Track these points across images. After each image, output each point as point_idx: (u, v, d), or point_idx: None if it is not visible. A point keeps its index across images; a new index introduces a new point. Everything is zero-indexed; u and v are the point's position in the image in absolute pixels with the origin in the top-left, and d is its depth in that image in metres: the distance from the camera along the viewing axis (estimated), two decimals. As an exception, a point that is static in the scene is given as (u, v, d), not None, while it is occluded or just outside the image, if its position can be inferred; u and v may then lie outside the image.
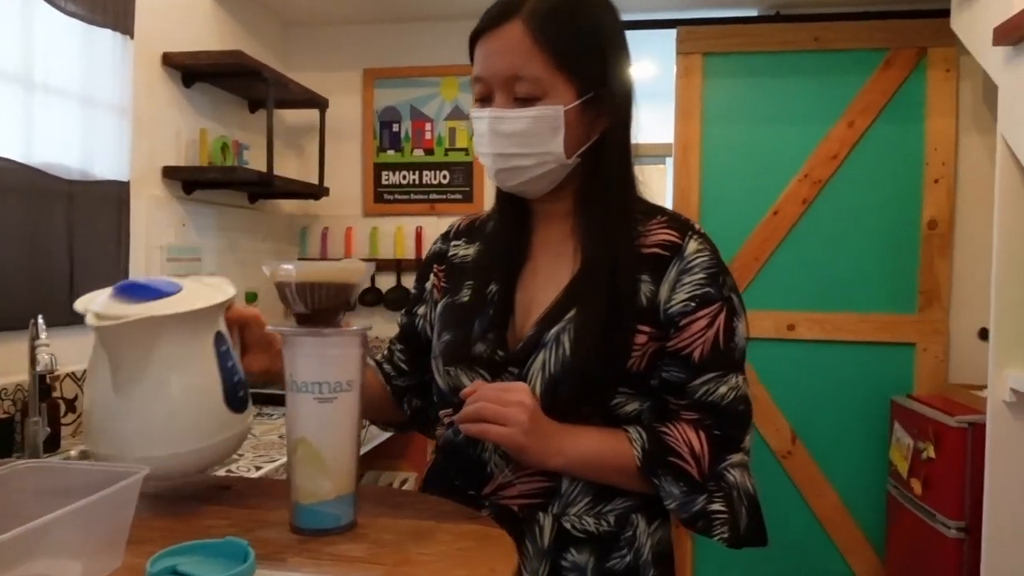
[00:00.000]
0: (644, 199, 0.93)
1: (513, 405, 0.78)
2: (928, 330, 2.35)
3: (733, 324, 0.87)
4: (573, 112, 0.84)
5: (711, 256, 0.87)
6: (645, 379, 0.86)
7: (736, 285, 0.90)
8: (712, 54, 2.46)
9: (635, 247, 0.87)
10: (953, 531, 1.89)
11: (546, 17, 0.82)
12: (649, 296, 0.85)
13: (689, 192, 2.48)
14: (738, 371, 0.87)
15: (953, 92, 2.33)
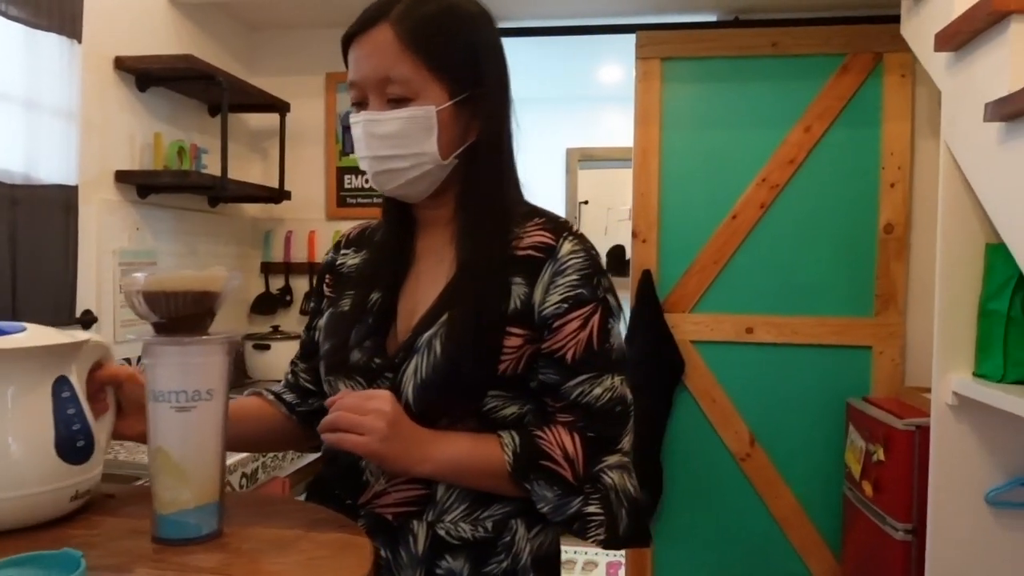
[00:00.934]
0: (527, 202, 0.94)
1: (370, 413, 0.78)
2: (884, 333, 2.36)
3: (608, 325, 0.87)
4: (446, 112, 0.85)
5: (585, 257, 0.87)
6: (523, 382, 0.86)
7: (613, 287, 0.91)
8: (671, 59, 2.47)
9: (510, 249, 0.87)
10: (901, 533, 1.90)
11: (414, 19, 0.84)
12: (523, 298, 0.85)
13: (649, 196, 2.49)
14: (614, 372, 0.86)
15: (908, 97, 2.34)
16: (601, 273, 0.88)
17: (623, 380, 0.87)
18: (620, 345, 0.88)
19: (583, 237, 0.90)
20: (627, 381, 0.88)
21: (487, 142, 0.89)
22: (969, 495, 1.74)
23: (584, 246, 0.88)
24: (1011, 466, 1.73)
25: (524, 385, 0.86)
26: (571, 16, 2.52)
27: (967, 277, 1.77)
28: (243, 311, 2.69)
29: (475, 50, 0.87)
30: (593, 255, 0.89)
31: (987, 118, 1.41)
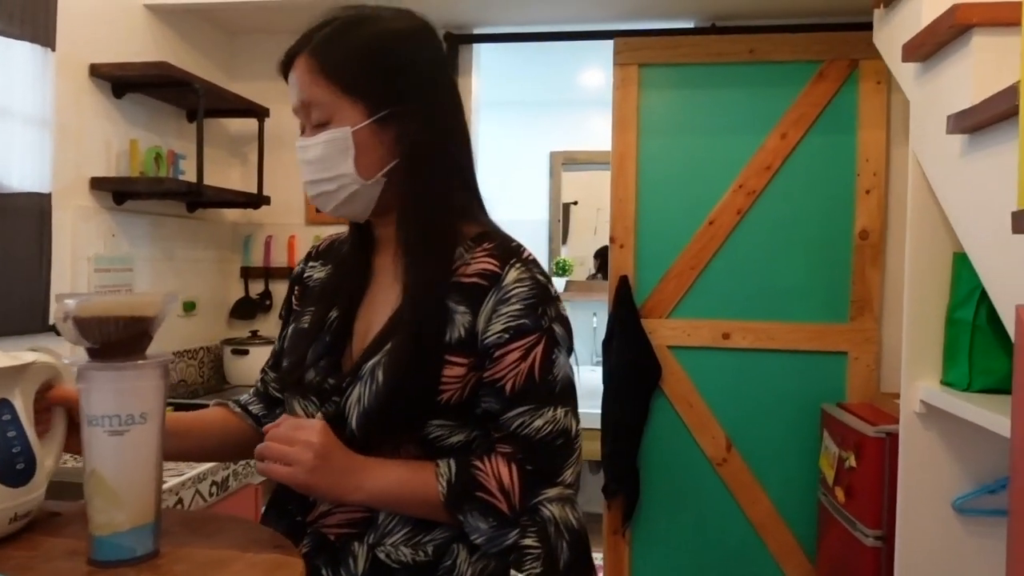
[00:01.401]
0: (485, 222, 0.93)
1: (298, 444, 0.79)
2: (859, 339, 2.38)
3: (552, 356, 0.86)
4: (363, 133, 0.86)
5: (532, 286, 0.86)
6: (469, 410, 0.85)
7: (563, 316, 0.89)
8: (648, 65, 2.48)
9: (455, 275, 0.87)
10: (871, 539, 1.92)
11: (326, 44, 0.87)
12: (467, 327, 0.85)
13: (626, 202, 2.50)
14: (558, 404, 0.85)
15: (883, 104, 2.36)
16: (547, 302, 0.87)
17: (568, 412, 0.86)
18: (565, 376, 0.87)
19: (533, 264, 0.89)
20: (573, 413, 0.87)
21: (410, 160, 0.88)
22: (937, 502, 1.76)
23: (531, 274, 0.87)
24: (978, 473, 1.74)
25: (470, 413, 0.86)
26: (550, 22, 2.53)
27: (935, 286, 1.79)
28: (222, 316, 2.69)
29: (394, 69, 0.87)
30: (541, 283, 0.87)
31: (949, 130, 1.42)
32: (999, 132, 1.27)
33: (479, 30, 2.61)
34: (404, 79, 0.88)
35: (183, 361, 2.45)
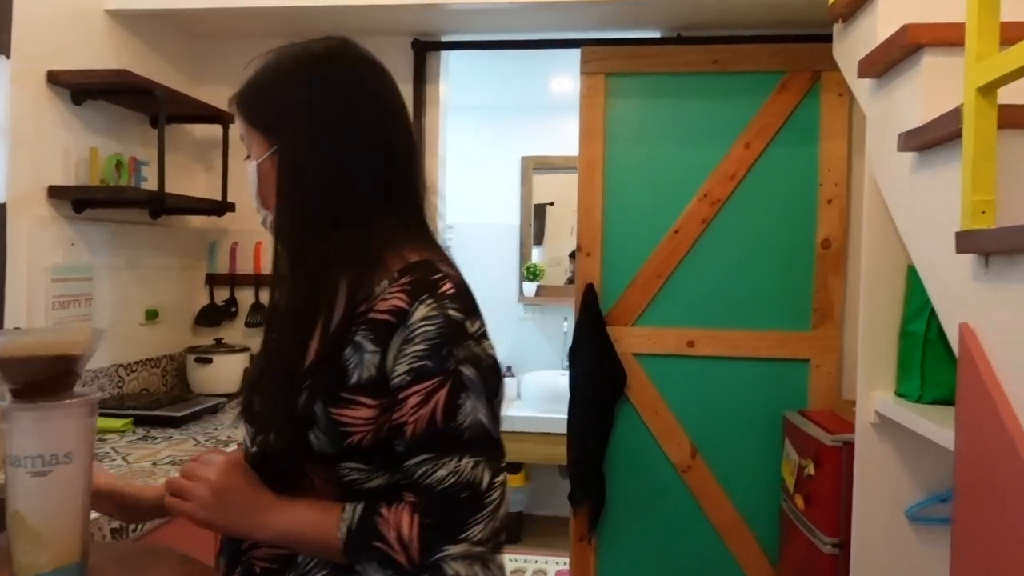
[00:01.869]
0: (423, 251, 0.91)
1: (198, 480, 0.80)
2: (821, 347, 2.41)
3: (457, 401, 0.80)
4: (264, 165, 0.90)
5: (440, 324, 0.81)
6: (387, 453, 0.82)
7: (477, 356, 0.83)
8: (615, 74, 2.49)
9: (370, 310, 0.84)
10: (828, 547, 1.94)
11: (247, 83, 0.92)
12: (376, 366, 0.82)
13: (593, 210, 2.51)
14: (464, 454, 0.80)
15: (845, 115, 2.39)
16: (456, 342, 0.82)
17: (478, 463, 0.80)
18: (476, 424, 0.81)
19: (449, 299, 0.83)
20: (487, 464, 0.81)
21: (285, 191, 0.88)
22: (890, 511, 1.79)
23: (442, 311, 0.82)
24: (930, 483, 1.77)
25: (390, 455, 0.83)
26: (518, 30, 2.53)
27: (889, 298, 1.81)
28: (187, 323, 2.67)
29: (284, 104, 0.89)
30: (452, 321, 0.82)
31: (900, 148, 1.44)
32: (946, 152, 1.30)
33: (448, 37, 2.61)
34: (292, 112, 0.89)
35: (145, 370, 2.42)
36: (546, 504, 3.87)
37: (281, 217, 0.89)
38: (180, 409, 2.10)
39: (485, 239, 3.93)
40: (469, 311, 0.85)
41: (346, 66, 0.92)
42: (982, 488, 1.14)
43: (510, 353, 3.91)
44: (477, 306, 0.87)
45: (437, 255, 0.92)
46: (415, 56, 2.59)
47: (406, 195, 0.94)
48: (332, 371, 0.83)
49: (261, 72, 0.92)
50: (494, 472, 0.81)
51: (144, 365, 2.42)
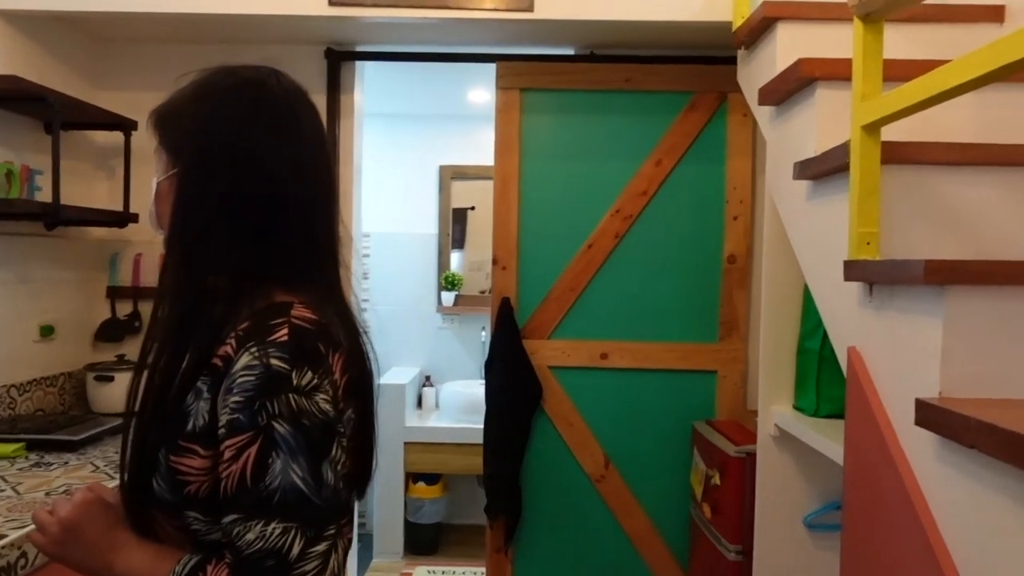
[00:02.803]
0: (290, 293, 0.86)
1: (54, 515, 0.82)
2: (728, 358, 2.50)
3: (267, 461, 0.75)
4: (163, 185, 0.90)
5: (259, 375, 0.76)
6: (224, 507, 0.78)
7: (299, 412, 0.77)
8: (530, 90, 2.52)
9: (208, 352, 0.81)
10: (733, 554, 2.02)
11: (166, 100, 0.92)
12: (209, 413, 0.79)
13: (509, 224, 2.53)
14: (273, 518, 0.74)
15: (749, 135, 2.48)
16: (272, 396, 0.76)
17: (288, 529, 0.74)
18: (289, 486, 0.75)
19: (276, 348, 0.78)
20: (301, 531, 0.74)
21: (177, 216, 0.87)
22: (790, 519, 1.87)
23: (264, 361, 0.77)
24: (826, 491, 1.87)
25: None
26: (435, 43, 2.52)
27: (788, 316, 1.90)
28: (86, 339, 2.55)
29: (193, 128, 0.88)
30: (273, 372, 0.76)
31: (795, 176, 1.51)
32: (837, 183, 1.37)
33: (362, 47, 2.58)
34: (193, 138, 0.88)
35: (40, 389, 2.30)
36: (465, 514, 3.87)
37: (171, 240, 0.88)
38: (77, 432, 2.00)
39: (403, 248, 3.90)
40: (301, 361, 0.79)
41: (263, 99, 0.90)
42: (867, 497, 1.21)
43: (429, 363, 3.90)
44: (317, 355, 0.81)
45: (313, 296, 0.88)
46: (329, 65, 2.55)
47: (301, 236, 0.91)
48: (175, 416, 0.81)
49: (181, 92, 0.91)
50: (310, 540, 0.75)
51: (39, 384, 2.29)
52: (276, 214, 0.88)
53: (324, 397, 0.80)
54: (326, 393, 0.80)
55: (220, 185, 0.86)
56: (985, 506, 0.90)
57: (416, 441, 3.46)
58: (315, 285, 0.90)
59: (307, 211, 0.91)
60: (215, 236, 0.86)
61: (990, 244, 1.22)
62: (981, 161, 1.22)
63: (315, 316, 0.84)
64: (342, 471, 0.82)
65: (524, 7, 2.14)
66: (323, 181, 0.94)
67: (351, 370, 0.87)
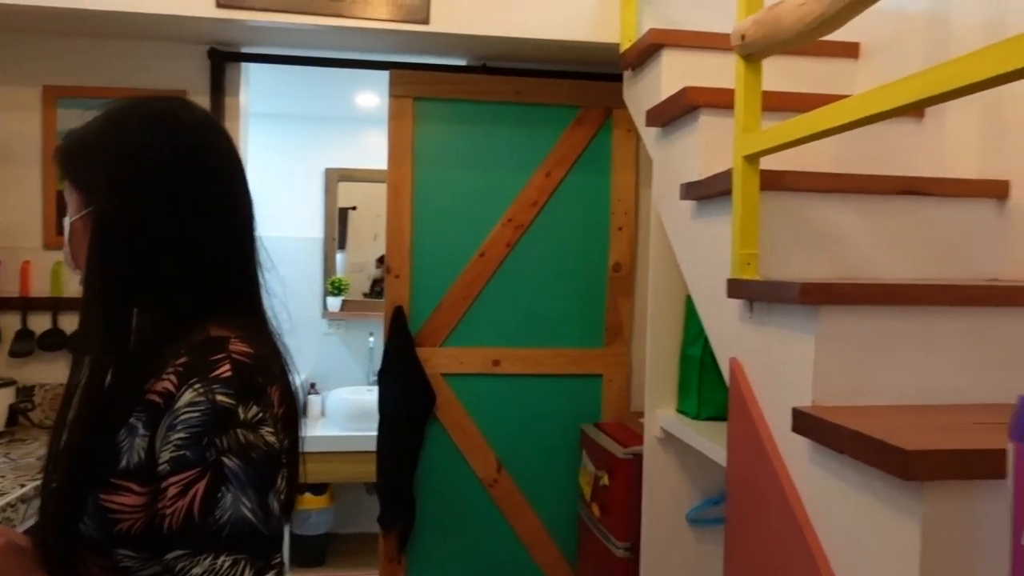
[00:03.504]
0: (224, 326, 0.86)
1: None
2: (613, 363, 2.61)
3: (216, 495, 0.75)
4: (78, 223, 0.88)
5: (205, 411, 0.77)
6: (157, 541, 0.77)
7: (246, 446, 0.78)
8: (423, 99, 2.53)
9: (147, 391, 0.80)
10: (621, 551, 2.12)
11: (71, 136, 0.89)
12: (146, 450, 0.78)
13: (402, 232, 2.53)
14: (222, 551, 0.75)
15: (633, 150, 2.61)
16: (220, 431, 0.77)
17: (238, 561, 0.75)
18: (239, 519, 0.76)
19: (221, 384, 0.79)
20: (250, 563, 0.75)
21: (95, 255, 0.85)
22: (674, 516, 1.99)
23: (210, 397, 0.77)
24: (708, 489, 2.00)
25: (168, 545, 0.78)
26: (325, 48, 2.48)
27: (671, 324, 2.01)
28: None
29: (104, 165, 0.86)
30: (219, 407, 0.77)
31: (681, 196, 1.61)
32: (720, 205, 1.47)
33: (248, 49, 2.50)
34: (106, 175, 0.85)
35: None
36: (353, 522, 3.83)
37: (90, 279, 0.85)
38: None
39: (287, 252, 3.79)
40: (245, 395, 0.80)
41: (179, 132, 0.88)
42: (748, 496, 1.31)
43: (314, 370, 3.82)
44: (258, 389, 0.82)
45: (245, 329, 0.88)
46: (212, 66, 2.46)
47: (230, 267, 0.91)
48: (105, 453, 0.79)
49: (89, 126, 0.88)
50: (259, 571, 0.76)
51: None
52: (200, 247, 0.87)
53: (269, 430, 0.81)
54: (270, 425, 0.81)
55: (140, 221, 0.84)
56: (853, 503, 1.01)
57: (303, 448, 3.38)
58: (245, 317, 0.90)
59: (231, 241, 0.90)
60: (138, 273, 0.84)
61: (853, 265, 1.35)
62: (845, 189, 1.36)
63: (252, 350, 0.84)
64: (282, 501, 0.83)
65: (419, 19, 2.15)
66: (244, 209, 0.92)
67: (286, 403, 0.88)
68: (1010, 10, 1.44)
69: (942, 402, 1.14)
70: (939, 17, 1.63)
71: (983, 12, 1.50)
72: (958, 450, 0.88)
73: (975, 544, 0.89)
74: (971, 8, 1.54)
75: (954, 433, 0.96)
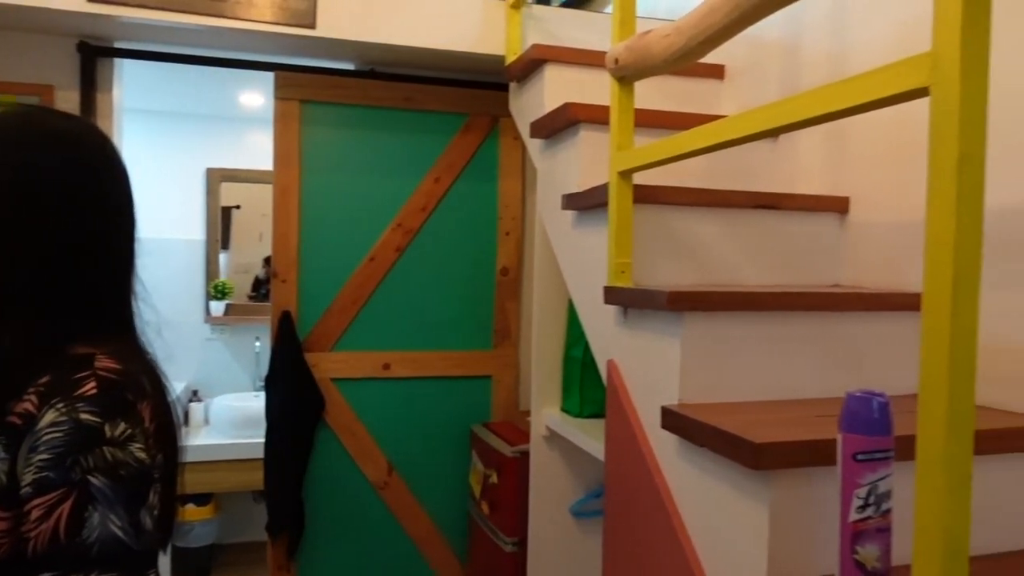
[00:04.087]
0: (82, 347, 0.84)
1: None
2: (501, 364, 2.69)
3: (83, 515, 0.75)
4: None
5: (67, 431, 0.76)
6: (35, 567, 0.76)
7: (113, 464, 0.78)
8: (310, 102, 2.51)
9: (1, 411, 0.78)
10: (509, 546, 2.19)
11: None
12: (7, 474, 0.77)
13: (289, 236, 2.50)
14: (92, 570, 0.75)
15: (519, 157, 2.69)
16: (85, 450, 0.76)
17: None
18: (107, 536, 0.76)
19: (85, 402, 0.77)
20: None
21: None
22: (559, 510, 2.08)
23: (73, 416, 0.76)
24: (590, 484, 2.10)
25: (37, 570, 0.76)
26: (206, 46, 2.42)
27: (555, 327, 2.10)
28: None
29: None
30: (83, 427, 0.76)
31: (563, 207, 1.70)
32: (598, 216, 1.56)
33: (123, 44, 2.40)
34: None
35: None
36: (239, 532, 3.73)
37: None
38: None
39: (166, 255, 3.65)
40: (112, 413, 0.79)
41: (64, 149, 0.86)
42: (623, 489, 1.41)
43: (196, 377, 3.70)
44: (127, 406, 0.81)
45: (113, 346, 0.86)
46: (83, 60, 2.34)
47: (110, 286, 0.89)
48: None
49: None
50: None
51: None
52: (80, 266, 0.85)
53: (139, 446, 0.80)
54: (140, 442, 0.80)
55: (23, 239, 0.82)
56: (713, 492, 1.11)
57: (183, 460, 3.26)
58: (116, 334, 0.88)
59: (114, 261, 0.89)
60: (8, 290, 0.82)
61: (717, 272, 1.48)
62: (709, 203, 1.48)
63: (119, 366, 0.83)
64: (156, 517, 0.82)
65: (306, 23, 2.14)
66: (129, 227, 0.91)
67: (159, 417, 0.87)
68: (851, 42, 1.60)
69: (792, 397, 1.27)
70: (792, 45, 1.79)
71: (829, 44, 1.67)
72: (799, 441, 0.99)
73: (815, 524, 1.01)
74: (819, 39, 1.70)
75: (798, 426, 1.07)
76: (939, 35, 0.68)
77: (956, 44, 0.66)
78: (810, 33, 1.72)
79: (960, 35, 0.66)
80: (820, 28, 1.69)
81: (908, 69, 0.72)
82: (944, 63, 0.67)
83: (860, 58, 1.58)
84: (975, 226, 0.69)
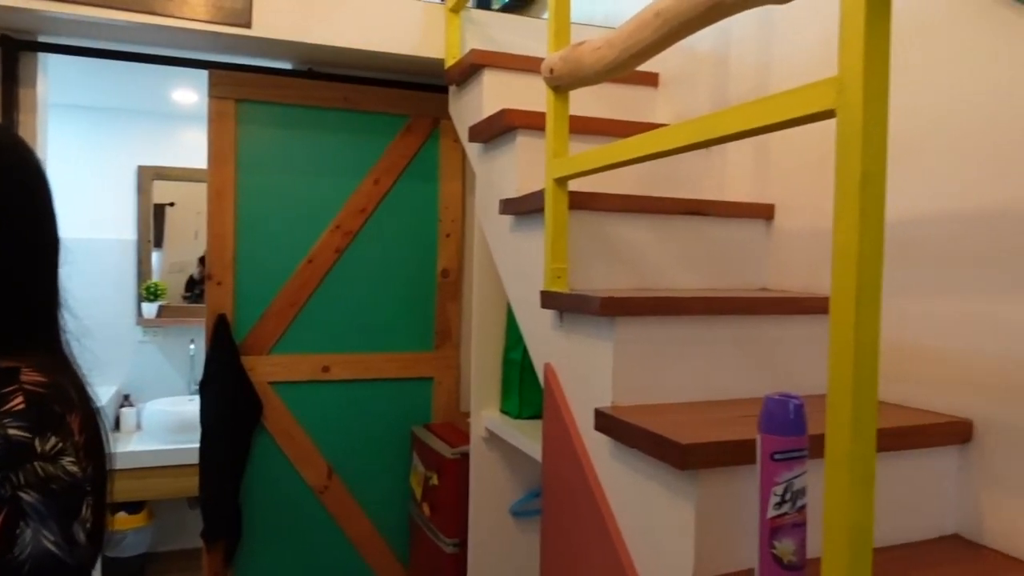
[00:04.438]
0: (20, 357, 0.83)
1: None
2: (442, 365, 2.70)
3: (15, 531, 0.74)
4: None
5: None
6: None
7: (44, 478, 0.77)
8: (246, 101, 2.48)
9: None
10: (450, 547, 2.21)
11: None
12: None
13: (224, 238, 2.46)
14: None
15: (459, 159, 2.70)
16: (15, 466, 0.75)
17: None
18: (40, 552, 0.75)
19: (13, 417, 0.76)
20: None
21: None
22: (500, 511, 2.10)
23: (0, 433, 0.75)
24: (529, 483, 2.13)
25: None
26: (137, 43, 2.36)
27: (495, 330, 2.13)
28: None
29: None
30: (13, 443, 0.75)
31: (500, 211, 1.72)
32: (535, 221, 1.59)
33: (48, 39, 2.32)
34: None
35: None
36: (174, 539, 3.64)
37: None
38: None
39: (95, 255, 3.54)
40: (41, 427, 0.78)
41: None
42: (560, 488, 1.44)
43: (128, 381, 3.59)
44: (56, 419, 0.80)
45: (36, 358, 0.84)
46: (4, 54, 2.26)
47: (34, 299, 0.87)
48: None
49: None
50: None
51: None
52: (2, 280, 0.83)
53: (70, 459, 0.79)
54: (71, 455, 0.79)
55: None
56: (643, 491, 1.15)
57: (114, 468, 3.18)
58: (40, 345, 0.87)
59: (36, 273, 0.87)
60: None
61: (649, 277, 1.52)
62: (642, 209, 1.52)
63: (46, 379, 0.81)
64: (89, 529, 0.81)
65: (241, 23, 2.11)
66: (52, 238, 0.90)
67: (88, 429, 0.85)
68: (777, 56, 1.67)
69: (718, 398, 1.32)
70: (722, 56, 1.85)
71: (755, 56, 1.73)
72: (723, 442, 1.04)
73: (738, 520, 1.05)
74: (747, 51, 1.76)
75: (723, 427, 1.12)
76: (844, 62, 0.73)
77: (859, 71, 0.70)
78: (739, 46, 1.78)
79: (863, 62, 0.70)
80: (749, 41, 1.75)
81: (817, 93, 0.77)
82: (848, 88, 0.72)
83: (784, 71, 1.64)
84: (877, 239, 0.73)
